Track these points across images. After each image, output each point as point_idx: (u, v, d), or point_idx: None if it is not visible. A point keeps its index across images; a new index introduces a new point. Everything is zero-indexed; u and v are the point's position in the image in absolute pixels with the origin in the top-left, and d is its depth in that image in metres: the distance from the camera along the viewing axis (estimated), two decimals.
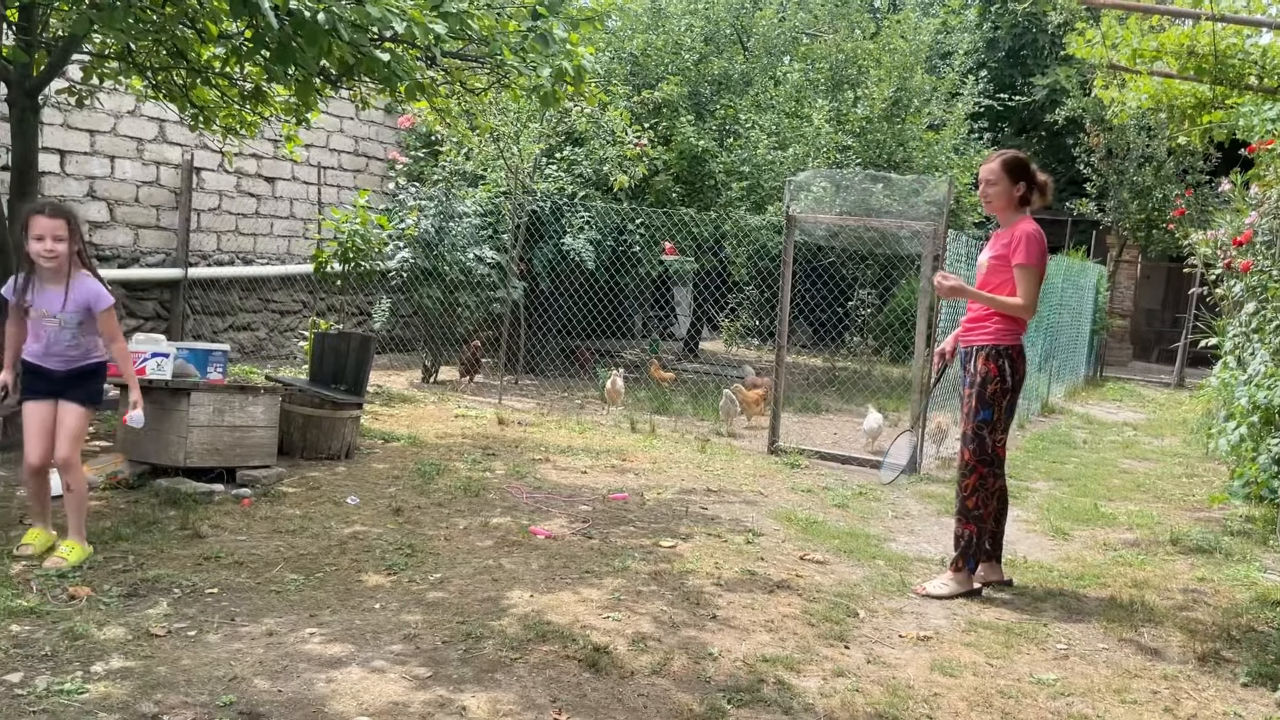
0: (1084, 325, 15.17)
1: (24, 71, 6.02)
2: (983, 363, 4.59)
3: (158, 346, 5.67)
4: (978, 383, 4.60)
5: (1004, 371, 4.57)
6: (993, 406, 4.58)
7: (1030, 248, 4.48)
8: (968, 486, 4.67)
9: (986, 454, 4.63)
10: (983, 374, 4.58)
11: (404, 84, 5.49)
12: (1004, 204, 4.63)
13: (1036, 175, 4.66)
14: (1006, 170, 4.60)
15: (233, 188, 10.78)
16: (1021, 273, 4.49)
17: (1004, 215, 4.67)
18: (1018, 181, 4.60)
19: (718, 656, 3.72)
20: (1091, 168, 18.00)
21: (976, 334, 4.66)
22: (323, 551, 4.64)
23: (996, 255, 4.61)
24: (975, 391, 4.60)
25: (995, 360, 4.57)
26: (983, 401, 4.58)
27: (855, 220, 9.36)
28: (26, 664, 3.23)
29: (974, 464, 4.64)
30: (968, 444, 4.66)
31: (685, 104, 12.15)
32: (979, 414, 4.60)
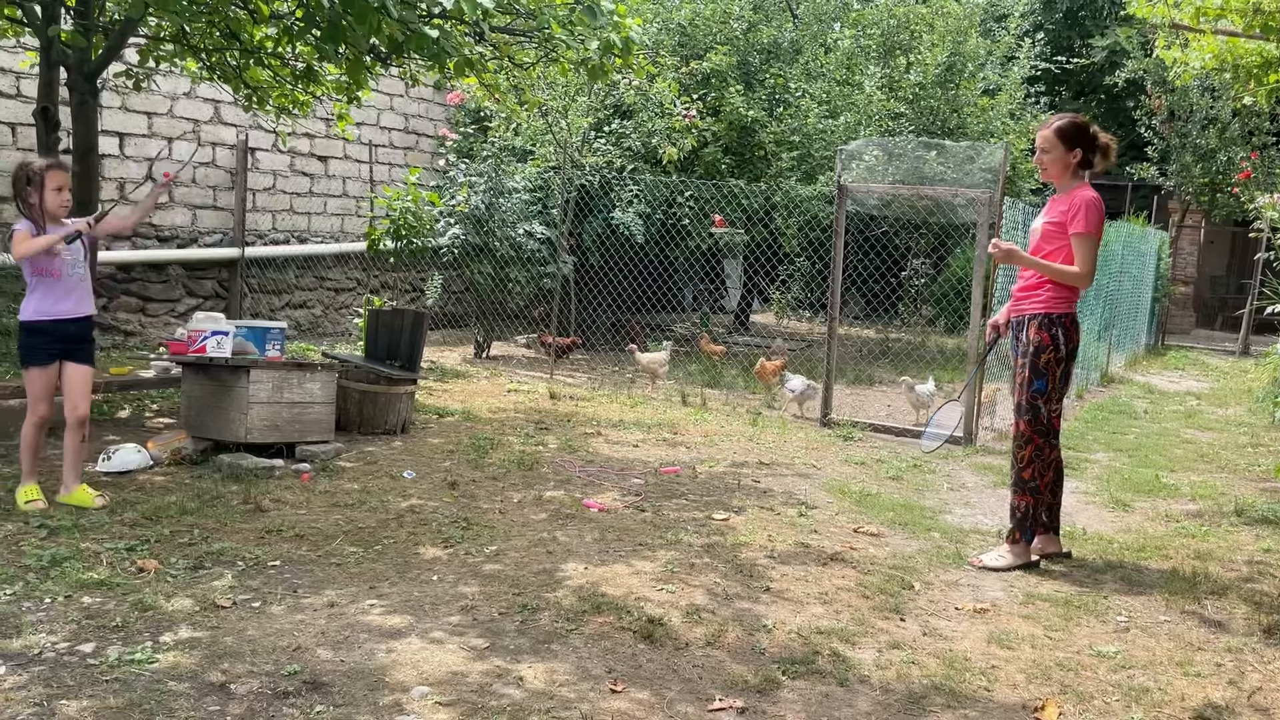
0: (1145, 293, 14.83)
1: (82, 56, 6.13)
2: (1035, 331, 4.51)
3: (217, 325, 5.77)
4: (1030, 352, 4.51)
5: (1057, 340, 4.48)
6: (1046, 376, 4.50)
7: (1089, 215, 4.38)
8: (1023, 458, 4.60)
9: (1042, 424, 4.55)
10: (1036, 343, 4.50)
11: (453, 60, 5.52)
12: (1059, 171, 4.53)
13: (1097, 137, 4.54)
14: (1061, 137, 4.49)
15: (286, 167, 10.91)
16: (1080, 241, 4.39)
17: (1060, 182, 4.57)
18: (1073, 148, 4.49)
19: (772, 628, 3.72)
20: (1153, 131, 17.54)
21: (1029, 302, 4.58)
22: (381, 525, 4.72)
23: (1052, 221, 4.52)
24: (1029, 361, 4.52)
25: (1048, 329, 4.49)
26: (1036, 371, 4.50)
27: (908, 189, 9.22)
28: (99, 634, 3.33)
29: (1029, 434, 4.56)
30: (1022, 415, 4.58)
31: (734, 74, 12.02)
32: (1033, 384, 4.52)
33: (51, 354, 4.67)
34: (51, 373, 4.68)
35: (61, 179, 4.66)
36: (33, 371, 4.66)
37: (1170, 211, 19.02)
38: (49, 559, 3.93)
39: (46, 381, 4.67)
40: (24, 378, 4.73)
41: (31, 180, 4.59)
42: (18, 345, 4.74)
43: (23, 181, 4.62)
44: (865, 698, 3.23)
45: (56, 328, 4.66)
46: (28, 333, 4.66)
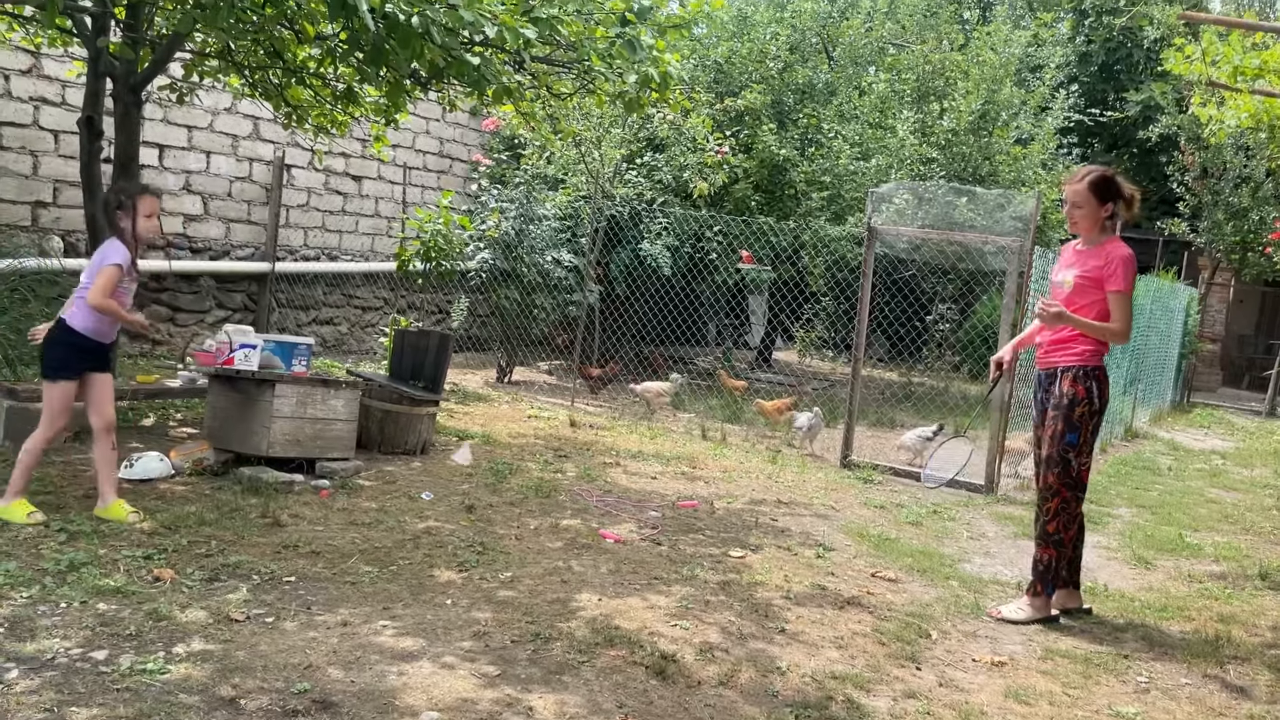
0: (1172, 349, 14.70)
1: (129, 68, 6.24)
2: (1069, 384, 4.47)
3: (245, 338, 5.81)
4: (1064, 405, 4.47)
5: (1091, 393, 4.46)
6: (1080, 429, 4.47)
7: (1128, 273, 4.38)
8: (1050, 510, 4.55)
9: (1071, 478, 4.51)
10: (1070, 396, 4.46)
11: (492, 87, 5.56)
12: (1090, 225, 4.51)
13: (1123, 189, 4.51)
14: (1094, 191, 4.47)
15: (321, 185, 11.03)
16: (1118, 298, 4.39)
17: (1091, 236, 4.55)
18: (1105, 201, 4.47)
19: (786, 671, 3.68)
20: (1185, 187, 17.46)
21: (1061, 354, 4.54)
22: (397, 545, 4.71)
23: (1086, 276, 4.47)
24: (1062, 414, 4.48)
25: (1083, 382, 4.46)
26: (1069, 424, 4.46)
27: (938, 234, 9.21)
28: (112, 642, 3.33)
29: (1058, 487, 4.51)
30: (1052, 467, 4.53)
31: (768, 112, 12.09)
32: (1065, 437, 4.48)
33: (84, 369, 4.62)
34: (76, 386, 4.63)
35: (153, 206, 4.69)
36: (62, 385, 4.56)
37: (1200, 268, 18.89)
38: (67, 564, 3.95)
39: (72, 394, 4.62)
40: (47, 390, 4.59)
41: (123, 205, 4.62)
42: (52, 356, 4.58)
43: (114, 206, 4.66)
44: None
45: (97, 347, 4.65)
46: (72, 347, 4.56)
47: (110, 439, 4.71)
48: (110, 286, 4.51)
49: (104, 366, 4.73)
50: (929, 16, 14.16)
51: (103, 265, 4.52)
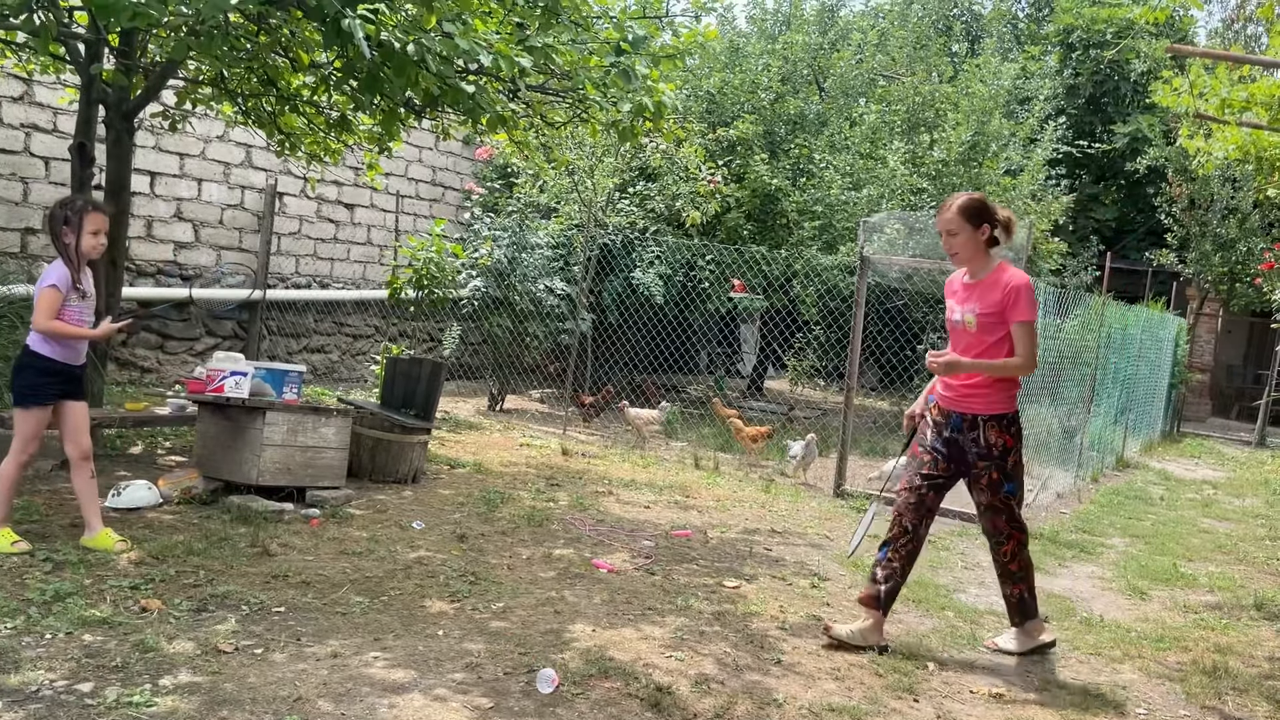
0: (1162, 378, 14.76)
1: (122, 95, 6.24)
2: (996, 434, 4.25)
3: (236, 365, 5.77)
4: (996, 456, 4.26)
5: (1018, 440, 4.30)
6: (1015, 478, 4.34)
7: (1030, 301, 4.13)
8: (1007, 553, 4.45)
9: (1017, 520, 4.42)
10: (1000, 446, 4.26)
11: (486, 116, 5.58)
12: (972, 252, 4.26)
13: (997, 212, 4.28)
14: (966, 216, 4.22)
15: (313, 213, 11.02)
16: (1022, 329, 4.13)
17: (975, 264, 4.29)
18: (980, 225, 4.22)
19: (782, 703, 3.64)
20: (1173, 218, 17.60)
21: (978, 401, 4.26)
22: (388, 575, 4.66)
23: (988, 312, 4.19)
24: (995, 465, 4.28)
25: (1009, 429, 4.27)
26: (1005, 474, 4.31)
27: (930, 263, 9.24)
28: (98, 674, 3.27)
29: (1010, 531, 4.41)
30: (997, 515, 4.38)
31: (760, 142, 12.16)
32: (1004, 487, 4.32)
33: (56, 395, 4.54)
34: (49, 412, 4.56)
35: (100, 222, 4.55)
36: (34, 411, 4.50)
37: (1189, 298, 19.01)
38: (52, 594, 3.89)
39: (45, 421, 4.56)
40: (18, 417, 4.52)
41: (69, 221, 4.49)
42: (21, 384, 4.51)
43: (59, 220, 4.51)
44: None
45: (65, 370, 4.57)
46: (36, 370, 4.50)
47: (89, 467, 4.63)
48: (50, 309, 4.43)
49: (77, 393, 4.64)
50: (918, 49, 14.29)
51: (41, 289, 4.46)
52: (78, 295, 4.54)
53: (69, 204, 4.59)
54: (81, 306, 4.58)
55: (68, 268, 4.50)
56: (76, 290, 4.52)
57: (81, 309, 4.58)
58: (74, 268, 4.51)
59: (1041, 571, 6.12)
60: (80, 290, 4.55)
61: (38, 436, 4.58)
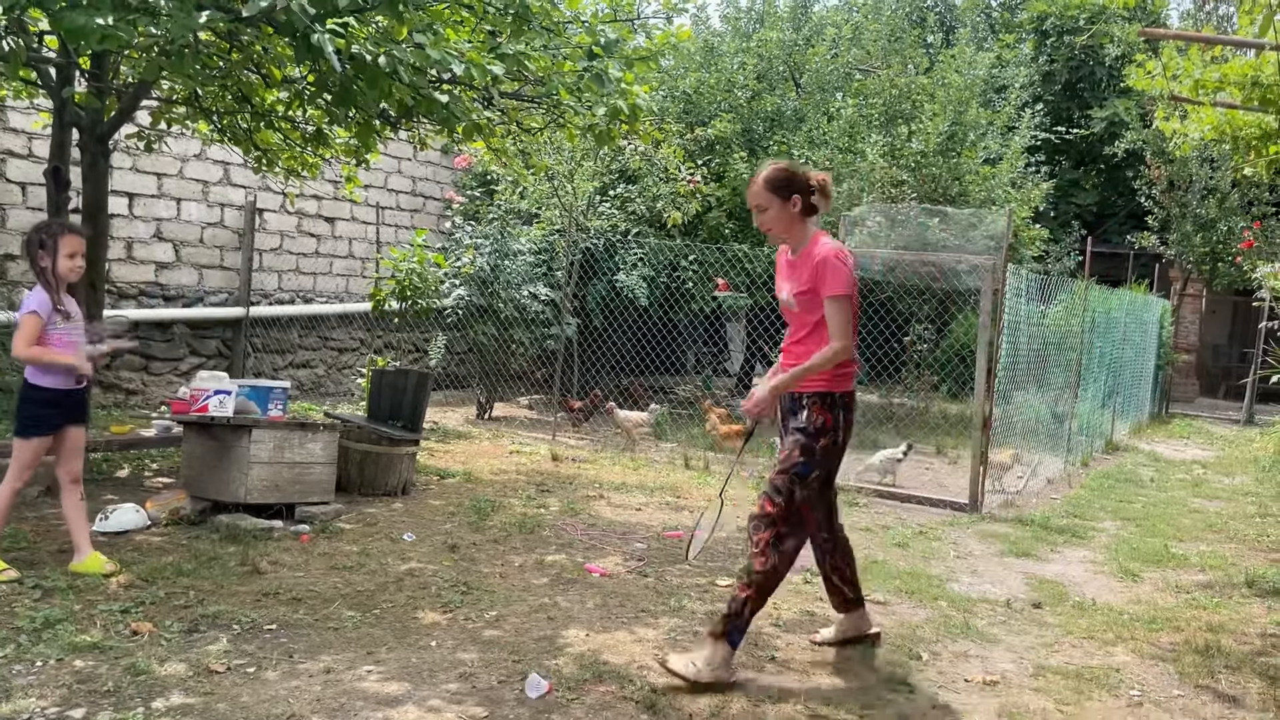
0: (1148, 361, 14.83)
1: (95, 117, 6.21)
2: (817, 412, 3.86)
3: (220, 384, 5.75)
4: (810, 431, 3.85)
5: (839, 426, 3.89)
6: (817, 460, 3.86)
7: (837, 274, 3.78)
8: (759, 542, 3.82)
9: (792, 511, 3.83)
10: (818, 423, 3.85)
11: (462, 124, 5.57)
12: (786, 225, 3.94)
13: (809, 178, 3.94)
14: (772, 189, 3.91)
15: (293, 228, 11.00)
16: (832, 305, 3.79)
17: (792, 238, 3.98)
18: (789, 196, 3.89)
19: (778, 699, 3.64)
20: (1153, 200, 17.69)
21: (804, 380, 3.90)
22: (379, 588, 4.65)
23: (803, 291, 3.89)
24: (801, 440, 3.85)
25: (830, 408, 3.87)
26: (807, 450, 3.84)
27: (912, 255, 9.27)
28: (89, 700, 3.26)
29: (773, 517, 3.82)
30: (772, 494, 3.85)
31: (738, 141, 12.18)
32: (797, 464, 3.84)
33: (58, 424, 4.53)
34: (49, 441, 4.55)
35: (75, 245, 4.52)
36: (34, 441, 4.49)
37: (1172, 280, 19.10)
38: (42, 620, 3.86)
39: (44, 449, 4.54)
40: (17, 446, 4.50)
41: (44, 244, 4.47)
42: (24, 415, 4.50)
43: (35, 245, 4.49)
44: None
45: (66, 397, 4.54)
46: (41, 403, 4.48)
47: (79, 491, 4.63)
48: (30, 336, 4.40)
49: (80, 417, 4.65)
50: (893, 41, 14.33)
51: (21, 316, 4.45)
52: (61, 318, 4.51)
53: (44, 228, 4.57)
54: (68, 328, 4.55)
55: (47, 292, 4.48)
56: (59, 313, 4.50)
57: (68, 331, 4.55)
58: (53, 291, 4.49)
59: (1032, 557, 6.16)
60: (63, 312, 4.52)
61: (35, 465, 4.56)
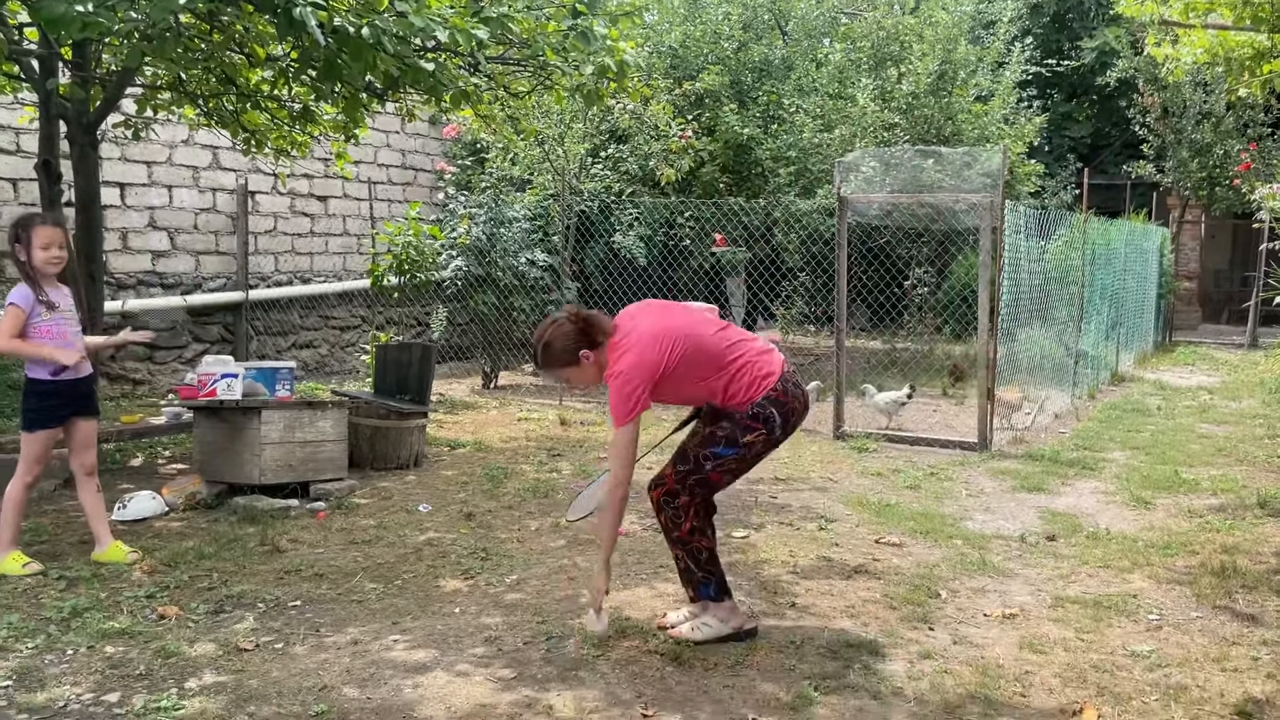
0: (1150, 290, 14.80)
1: (81, 108, 6.17)
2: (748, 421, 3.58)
3: (226, 367, 5.76)
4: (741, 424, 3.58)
5: (771, 421, 3.58)
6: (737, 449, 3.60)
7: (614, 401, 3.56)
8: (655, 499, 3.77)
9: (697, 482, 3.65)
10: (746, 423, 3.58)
11: (449, 93, 5.54)
12: (595, 375, 3.72)
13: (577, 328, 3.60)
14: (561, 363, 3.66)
15: (287, 209, 10.95)
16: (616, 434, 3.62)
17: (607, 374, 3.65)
18: (576, 356, 3.62)
19: (800, 644, 3.68)
20: (1148, 128, 17.55)
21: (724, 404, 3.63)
22: (399, 559, 4.69)
23: None
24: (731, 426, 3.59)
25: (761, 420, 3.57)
26: (732, 441, 3.60)
27: (908, 197, 9.23)
28: (123, 684, 3.30)
29: (676, 489, 3.67)
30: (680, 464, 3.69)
31: (727, 93, 12.08)
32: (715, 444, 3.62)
33: (64, 416, 4.54)
34: (57, 434, 4.57)
35: (49, 236, 4.46)
36: (40, 434, 4.50)
37: (1170, 207, 19.00)
38: (69, 610, 3.90)
39: (53, 442, 4.56)
40: (25, 440, 4.52)
41: (20, 238, 4.45)
42: (26, 408, 4.53)
43: (13, 239, 4.48)
44: (900, 710, 3.18)
45: (69, 389, 4.54)
46: (41, 395, 4.48)
47: (94, 482, 4.65)
48: (12, 328, 4.39)
49: (88, 409, 4.64)
50: None
51: (4, 309, 4.45)
52: (45, 309, 4.46)
53: (19, 222, 4.52)
54: (56, 319, 4.49)
55: (28, 285, 4.46)
56: (42, 304, 4.45)
57: (56, 322, 4.49)
58: (33, 283, 4.46)
59: (1044, 491, 6.20)
60: (46, 304, 4.46)
61: (45, 458, 4.58)
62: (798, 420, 3.68)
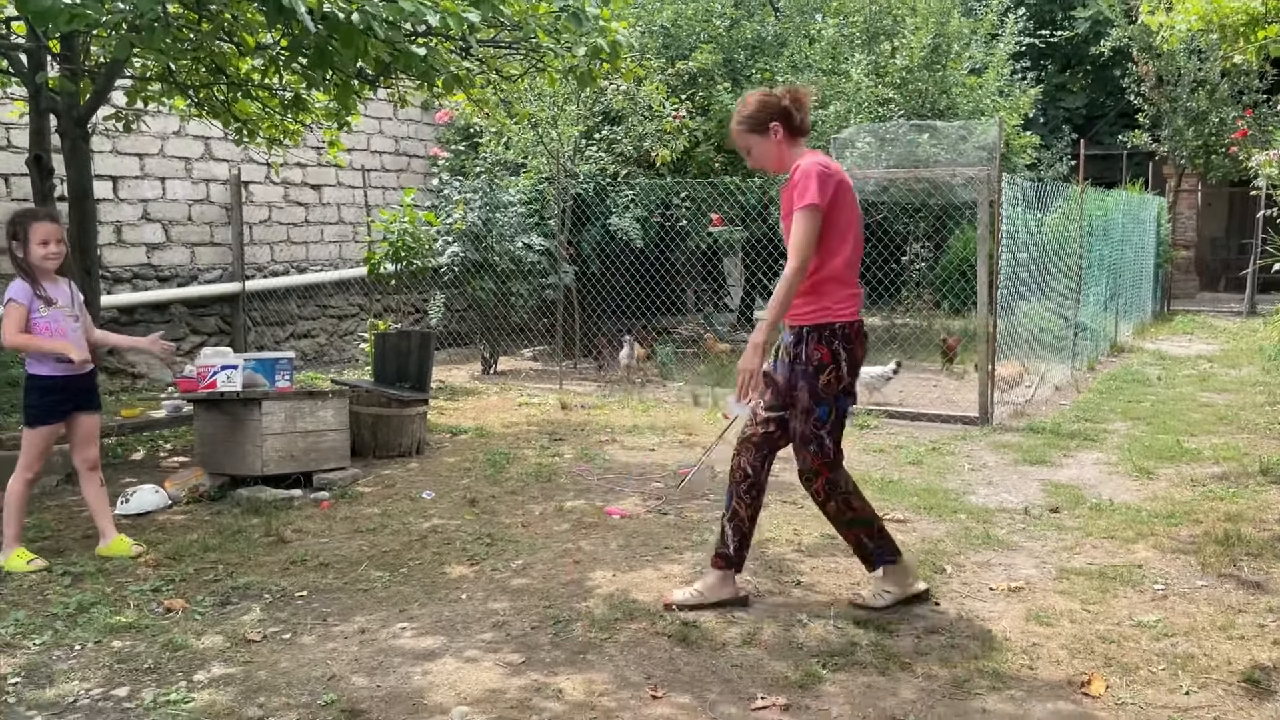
0: (1147, 260, 14.79)
1: (71, 101, 6.12)
2: (814, 346, 3.64)
3: (226, 359, 5.74)
4: (810, 372, 3.64)
5: (838, 357, 3.65)
6: (828, 401, 3.67)
7: (806, 185, 3.54)
8: (819, 492, 3.81)
9: (828, 456, 3.73)
10: (815, 361, 3.64)
11: (441, 77, 5.50)
12: (776, 157, 3.76)
13: (780, 99, 3.73)
14: (749, 126, 3.75)
15: (281, 198, 10.91)
16: (797, 218, 3.56)
17: (782, 167, 3.78)
18: (767, 126, 3.72)
19: (807, 623, 3.69)
20: (1142, 97, 17.49)
21: (801, 310, 3.69)
22: (404, 547, 4.69)
23: (787, 213, 3.67)
24: (808, 385, 3.65)
25: (829, 343, 3.65)
26: (816, 396, 3.65)
27: (904, 173, 9.19)
28: (131, 678, 3.30)
29: (818, 468, 3.74)
30: (806, 446, 3.72)
31: (720, 71, 12.01)
32: (815, 411, 3.66)
33: (66, 411, 4.54)
34: (59, 429, 4.56)
35: (47, 232, 4.45)
36: (42, 430, 4.49)
37: (1166, 176, 18.96)
38: (75, 605, 3.91)
39: (54, 437, 4.56)
40: (26, 436, 4.53)
41: (16, 235, 4.44)
42: (29, 404, 4.53)
43: (9, 235, 4.47)
44: (909, 685, 3.19)
45: (69, 384, 4.53)
46: (43, 391, 4.48)
47: (98, 477, 4.65)
48: (15, 323, 4.38)
49: (89, 404, 4.63)
50: None
51: (4, 306, 4.44)
52: (43, 304, 4.46)
53: (16, 218, 4.51)
54: (54, 314, 4.48)
55: (25, 280, 4.46)
56: (40, 299, 4.44)
57: (54, 317, 4.48)
58: (31, 279, 4.45)
59: (1046, 464, 6.20)
60: (45, 299, 4.46)
61: (46, 454, 4.59)
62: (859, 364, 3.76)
